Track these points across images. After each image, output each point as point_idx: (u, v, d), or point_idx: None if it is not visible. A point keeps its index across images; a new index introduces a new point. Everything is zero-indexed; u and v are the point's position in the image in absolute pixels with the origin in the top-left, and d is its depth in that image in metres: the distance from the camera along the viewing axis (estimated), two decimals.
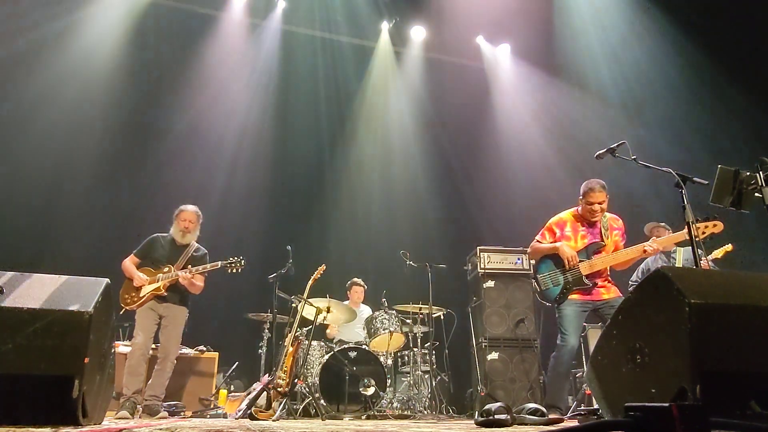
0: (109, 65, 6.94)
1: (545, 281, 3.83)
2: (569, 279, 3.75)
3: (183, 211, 4.62)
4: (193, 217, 4.62)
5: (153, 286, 4.38)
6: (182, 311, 4.50)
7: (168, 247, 4.57)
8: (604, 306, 3.71)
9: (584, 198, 3.82)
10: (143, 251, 4.57)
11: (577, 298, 3.75)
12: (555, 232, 3.94)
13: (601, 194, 3.77)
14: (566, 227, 3.92)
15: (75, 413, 1.95)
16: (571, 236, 3.90)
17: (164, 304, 4.41)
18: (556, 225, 3.96)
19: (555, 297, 3.78)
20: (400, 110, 8.60)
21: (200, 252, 4.65)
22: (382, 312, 5.35)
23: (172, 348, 4.40)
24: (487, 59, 8.70)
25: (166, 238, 4.62)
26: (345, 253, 7.35)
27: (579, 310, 3.73)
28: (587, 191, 3.80)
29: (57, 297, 2.07)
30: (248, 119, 7.71)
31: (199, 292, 4.56)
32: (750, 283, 2.08)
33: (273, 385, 4.14)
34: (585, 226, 3.90)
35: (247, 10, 7.84)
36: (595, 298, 3.76)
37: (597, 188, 3.77)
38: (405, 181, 8.30)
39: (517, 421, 2.68)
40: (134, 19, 7.17)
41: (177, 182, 6.89)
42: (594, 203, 3.78)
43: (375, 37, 8.51)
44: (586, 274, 3.74)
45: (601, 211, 3.82)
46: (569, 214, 3.98)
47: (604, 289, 3.78)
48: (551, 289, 3.78)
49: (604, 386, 2.14)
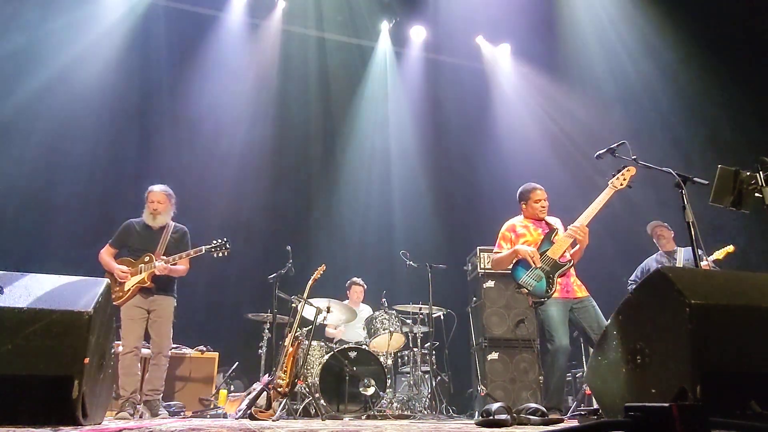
0: (108, 65, 6.93)
1: (528, 282, 3.77)
2: (546, 268, 3.73)
3: (151, 192, 4.35)
4: (161, 197, 4.33)
5: (136, 278, 4.13)
6: (169, 302, 4.29)
7: (143, 233, 4.30)
8: (579, 306, 3.69)
9: (530, 198, 3.99)
10: (118, 240, 4.31)
11: (557, 296, 3.71)
12: (509, 237, 3.99)
13: (543, 192, 3.99)
14: (517, 227, 4.00)
15: (75, 413, 1.95)
16: (526, 232, 3.96)
17: (150, 298, 4.18)
18: (507, 230, 4.03)
19: (544, 289, 3.72)
20: (400, 110, 8.59)
21: (179, 232, 4.39)
22: (382, 312, 5.35)
23: (164, 341, 4.24)
24: (487, 59, 8.69)
25: (140, 223, 4.35)
26: (345, 253, 7.35)
27: (562, 309, 3.69)
28: (530, 190, 4.00)
29: (57, 297, 2.07)
30: (248, 119, 7.70)
31: (184, 274, 4.34)
32: (750, 284, 2.09)
33: (273, 385, 4.14)
34: (535, 224, 3.99)
35: (247, 10, 7.84)
36: (571, 296, 3.73)
37: (538, 187, 4.01)
38: (405, 181, 8.29)
39: (517, 421, 2.67)
40: (134, 19, 7.16)
41: (176, 182, 6.85)
42: (540, 200, 3.96)
43: (375, 37, 8.51)
44: (558, 257, 3.73)
45: (546, 209, 3.97)
46: (516, 219, 4.09)
47: (578, 287, 3.79)
48: (536, 285, 3.73)
49: (604, 386, 2.14)
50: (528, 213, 4.02)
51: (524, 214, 4.06)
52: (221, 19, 7.73)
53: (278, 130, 7.84)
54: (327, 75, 8.17)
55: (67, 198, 6.49)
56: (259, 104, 7.78)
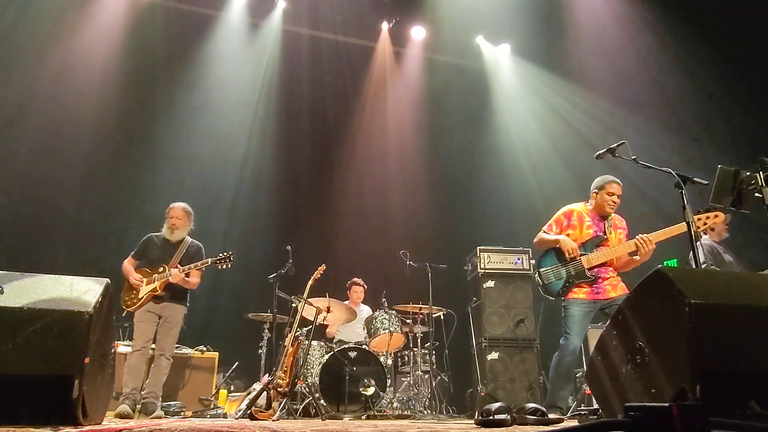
0: (107, 65, 6.93)
1: (548, 275, 3.82)
2: (571, 272, 3.75)
3: (171, 209, 4.65)
4: (181, 213, 4.62)
5: (150, 287, 4.40)
6: (180, 309, 4.52)
7: (162, 246, 4.58)
8: (611, 305, 3.68)
9: (603, 189, 3.87)
10: (140, 252, 4.60)
11: (584, 297, 3.72)
12: (562, 222, 3.96)
13: (620, 188, 3.87)
14: (573, 217, 3.94)
15: (75, 413, 1.95)
16: (577, 225, 3.91)
17: (162, 304, 4.42)
18: (564, 215, 3.98)
19: (558, 290, 3.78)
20: (400, 110, 8.59)
21: (194, 247, 4.66)
22: (382, 312, 5.35)
23: (168, 345, 4.41)
24: (487, 59, 8.69)
25: (159, 237, 4.63)
26: (345, 253, 7.34)
27: (586, 310, 3.72)
28: (608, 183, 3.87)
29: (57, 297, 2.07)
30: (248, 119, 7.71)
31: (195, 287, 4.58)
32: (750, 283, 2.09)
33: (273, 385, 4.14)
34: (592, 220, 3.91)
35: (247, 10, 7.84)
36: (602, 297, 3.73)
37: (617, 181, 3.88)
38: (405, 180, 8.29)
39: (517, 421, 2.67)
40: (133, 19, 7.16)
41: (176, 182, 6.89)
42: (614, 194, 3.85)
43: (375, 37, 8.51)
44: (589, 267, 3.74)
45: (616, 205, 3.87)
46: (579, 206, 4.01)
47: (611, 287, 3.76)
48: (554, 283, 3.78)
49: (604, 386, 2.14)
50: (596, 204, 3.92)
51: (592, 205, 3.95)
52: (221, 19, 7.73)
53: (278, 129, 7.84)
54: (327, 75, 8.17)
55: (67, 198, 6.49)
56: (259, 104, 7.78)
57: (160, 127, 7.26)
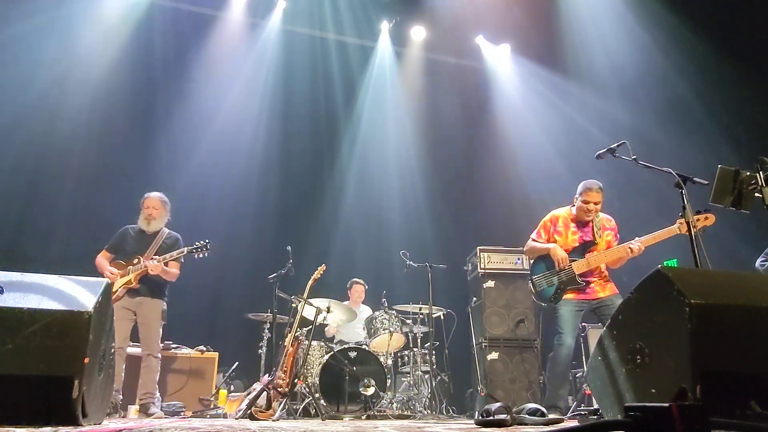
0: (106, 65, 6.92)
1: (539, 283, 3.93)
2: (563, 279, 3.83)
3: (147, 198, 4.53)
4: (157, 203, 4.51)
5: (124, 279, 4.27)
6: (157, 304, 4.38)
7: (137, 238, 4.46)
8: (600, 305, 3.79)
9: (580, 197, 3.93)
10: (114, 245, 4.47)
11: (572, 297, 3.82)
12: (549, 228, 4.04)
13: (597, 195, 3.87)
14: (558, 223, 4.01)
15: (75, 413, 1.94)
16: (562, 232, 3.97)
17: (137, 299, 4.30)
18: (550, 221, 4.06)
19: (550, 297, 3.88)
20: (400, 110, 8.59)
21: (172, 238, 4.53)
22: (382, 312, 5.35)
23: (153, 344, 4.32)
24: (487, 59, 8.69)
25: (135, 229, 4.52)
26: (345, 253, 7.34)
27: (574, 309, 3.82)
28: (584, 190, 3.90)
29: (56, 297, 2.07)
30: (247, 119, 7.70)
31: (174, 279, 4.45)
32: (750, 283, 2.08)
33: (273, 385, 4.14)
34: (577, 225, 3.98)
35: (247, 9, 7.84)
36: (590, 297, 3.82)
37: (594, 188, 3.88)
38: (405, 180, 8.29)
39: (517, 421, 2.67)
40: (133, 19, 7.16)
41: (175, 182, 6.88)
42: (590, 202, 3.87)
43: (375, 37, 8.51)
44: (579, 273, 3.79)
45: (595, 212, 3.90)
46: (564, 211, 4.07)
47: (599, 288, 3.84)
48: (545, 289, 3.89)
49: (604, 386, 2.13)
50: (577, 209, 3.97)
51: (574, 210, 4.00)
52: (221, 19, 7.73)
53: (278, 129, 7.83)
54: (327, 75, 8.17)
55: (67, 198, 6.48)
56: (259, 104, 7.78)
57: (159, 126, 7.25)
